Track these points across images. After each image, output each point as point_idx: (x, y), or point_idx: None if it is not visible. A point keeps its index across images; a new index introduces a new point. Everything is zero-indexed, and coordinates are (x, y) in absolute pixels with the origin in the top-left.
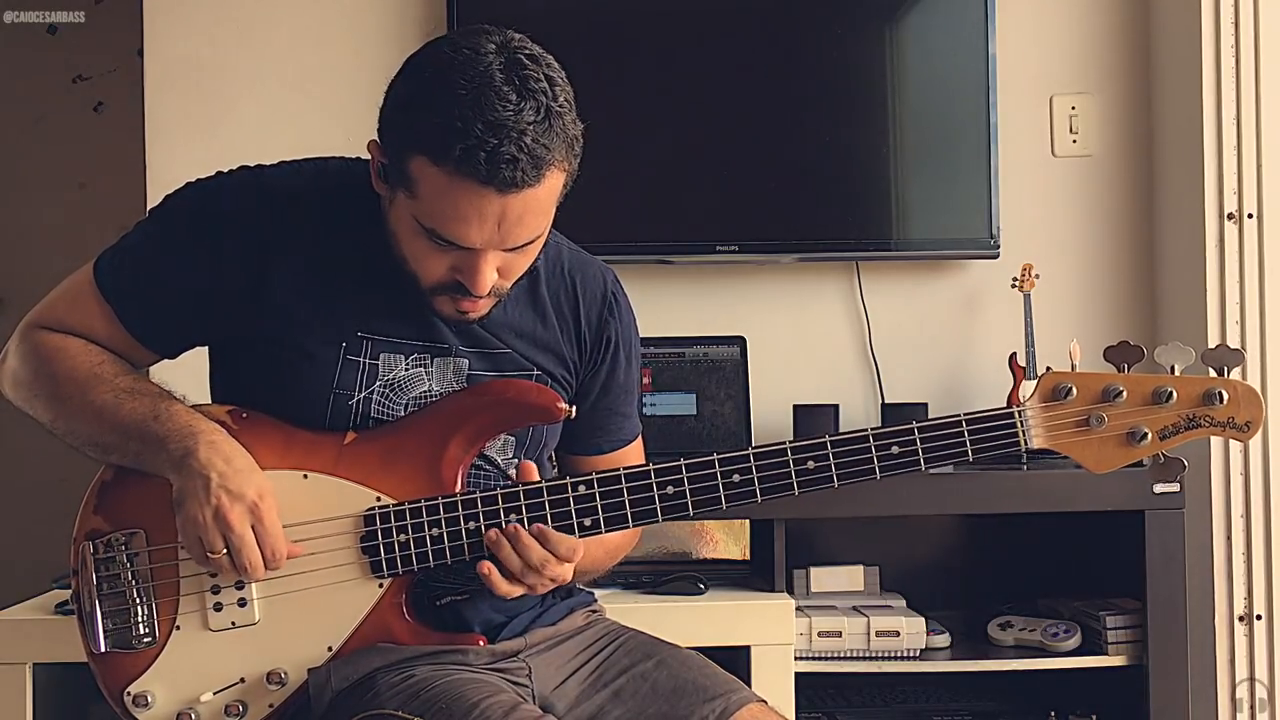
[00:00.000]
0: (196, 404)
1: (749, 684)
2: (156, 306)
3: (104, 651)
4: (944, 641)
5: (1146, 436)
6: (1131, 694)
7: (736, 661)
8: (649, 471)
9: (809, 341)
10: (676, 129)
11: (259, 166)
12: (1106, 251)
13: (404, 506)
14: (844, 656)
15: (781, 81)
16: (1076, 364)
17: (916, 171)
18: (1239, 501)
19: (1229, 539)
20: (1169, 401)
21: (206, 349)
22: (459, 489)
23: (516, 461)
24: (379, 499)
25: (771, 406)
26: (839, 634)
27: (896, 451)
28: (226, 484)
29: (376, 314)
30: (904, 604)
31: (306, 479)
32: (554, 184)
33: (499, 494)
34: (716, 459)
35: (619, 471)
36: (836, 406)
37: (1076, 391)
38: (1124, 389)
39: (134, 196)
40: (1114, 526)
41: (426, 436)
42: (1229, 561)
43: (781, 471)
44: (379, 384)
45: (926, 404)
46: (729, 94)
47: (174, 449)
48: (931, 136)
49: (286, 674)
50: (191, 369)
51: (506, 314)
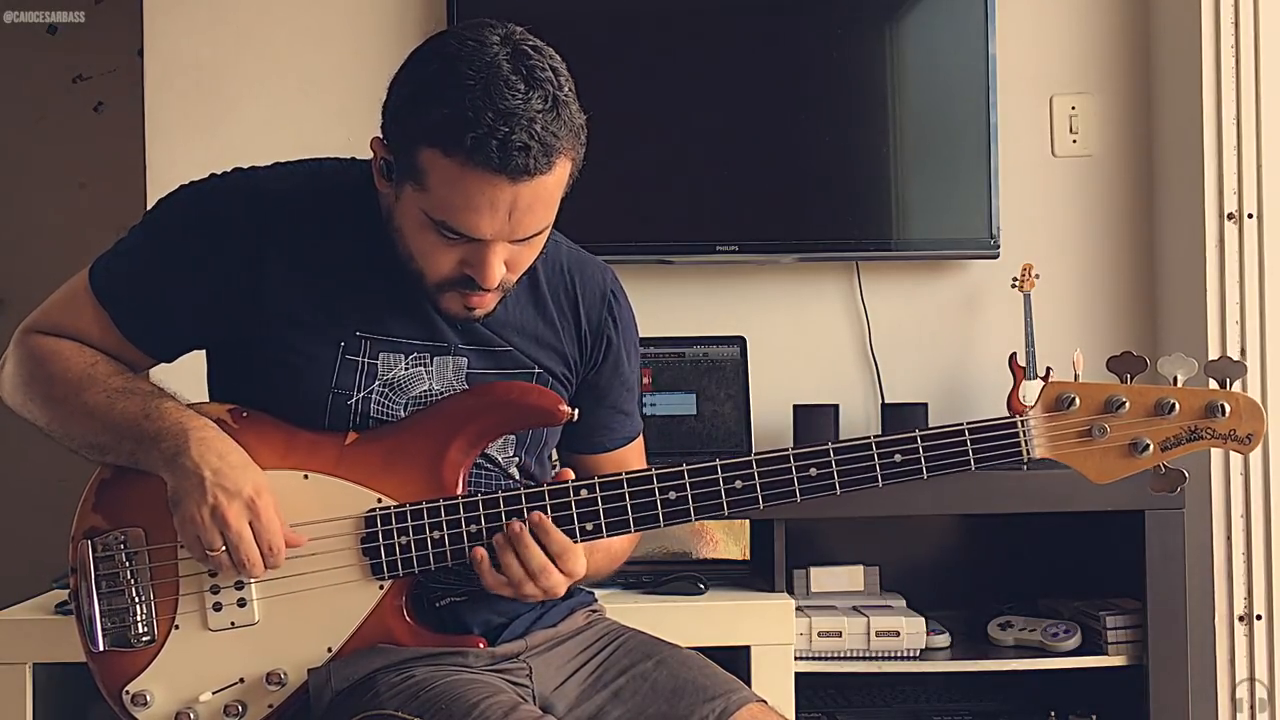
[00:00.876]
0: (196, 403)
1: (749, 684)
2: (152, 310)
3: (102, 650)
4: (944, 641)
5: (1149, 448)
6: (1131, 694)
7: (736, 661)
8: (651, 476)
9: (809, 341)
10: (676, 129)
11: (253, 168)
12: (1106, 251)
13: (405, 508)
14: (844, 656)
15: (781, 81)
16: (1080, 374)
17: (916, 171)
18: (1239, 501)
19: (1229, 539)
20: (1171, 413)
21: (204, 351)
22: (460, 491)
23: (517, 460)
24: (380, 500)
25: (771, 406)
26: (839, 634)
27: (899, 460)
28: (222, 481)
29: (375, 313)
30: (904, 604)
31: (307, 479)
32: (562, 173)
33: (500, 496)
34: (719, 465)
35: (621, 476)
36: (836, 406)
37: (1079, 402)
38: (1127, 400)
39: (134, 196)
40: (1114, 526)
41: (428, 438)
42: (1229, 561)
43: (784, 478)
44: (378, 383)
45: (926, 404)
46: (729, 94)
47: (166, 447)
48: (931, 136)
49: (286, 674)
50: (191, 369)
51: (507, 312)
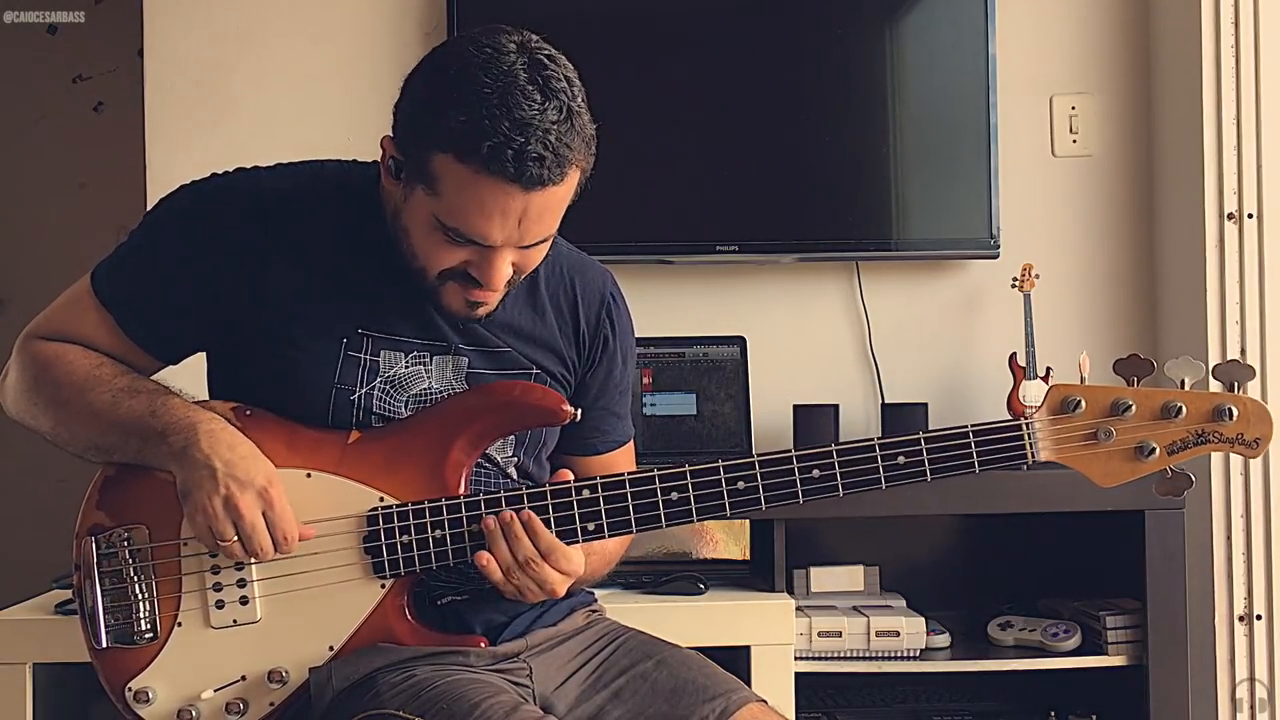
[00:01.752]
0: (200, 400)
1: (749, 684)
2: (156, 310)
3: (105, 647)
4: (944, 641)
5: (1154, 451)
6: (1131, 694)
7: (736, 661)
8: (654, 477)
9: (809, 341)
10: (676, 129)
11: (254, 169)
12: (1106, 251)
13: (407, 507)
14: (844, 656)
15: (781, 81)
16: (1086, 376)
17: (916, 171)
18: (1239, 501)
19: (1229, 539)
20: (1178, 417)
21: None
22: (462, 491)
23: (516, 460)
24: (382, 499)
25: (771, 406)
26: (839, 634)
27: (902, 462)
28: (234, 471)
29: (377, 311)
30: (904, 604)
31: (310, 478)
32: (572, 182)
33: (503, 496)
34: (721, 466)
35: (623, 476)
36: (836, 406)
37: (1085, 405)
38: (1133, 403)
39: (134, 196)
40: (1114, 526)
41: (431, 437)
42: (1229, 561)
43: (786, 479)
44: (379, 380)
45: (926, 404)
46: (729, 94)
47: (174, 441)
48: (931, 136)
49: (287, 673)
50: (192, 369)
51: (506, 313)
